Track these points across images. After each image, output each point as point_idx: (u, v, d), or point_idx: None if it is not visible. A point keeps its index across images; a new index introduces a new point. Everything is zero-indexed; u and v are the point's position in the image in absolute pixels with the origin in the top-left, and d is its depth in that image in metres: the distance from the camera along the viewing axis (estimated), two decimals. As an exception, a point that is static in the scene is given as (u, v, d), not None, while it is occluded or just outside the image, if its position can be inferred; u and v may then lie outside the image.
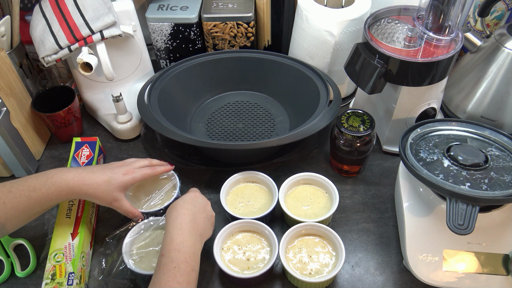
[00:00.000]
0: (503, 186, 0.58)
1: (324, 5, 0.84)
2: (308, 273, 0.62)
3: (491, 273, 0.61)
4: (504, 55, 0.77)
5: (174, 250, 0.56)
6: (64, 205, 0.70)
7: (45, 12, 0.78)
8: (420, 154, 0.65)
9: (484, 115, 0.81)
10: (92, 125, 0.93)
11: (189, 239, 0.58)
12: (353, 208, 0.76)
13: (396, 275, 0.67)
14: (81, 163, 0.76)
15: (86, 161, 0.77)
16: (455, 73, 0.87)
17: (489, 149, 0.65)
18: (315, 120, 0.74)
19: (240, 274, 0.62)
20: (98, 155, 0.80)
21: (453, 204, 0.56)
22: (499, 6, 0.87)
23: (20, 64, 0.85)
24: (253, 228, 0.67)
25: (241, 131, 0.86)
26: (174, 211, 0.61)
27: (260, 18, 0.93)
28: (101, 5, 0.79)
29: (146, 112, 0.78)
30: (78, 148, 0.79)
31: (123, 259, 0.63)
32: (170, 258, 0.55)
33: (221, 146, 0.73)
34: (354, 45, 0.75)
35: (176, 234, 0.58)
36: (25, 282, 0.67)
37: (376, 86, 0.73)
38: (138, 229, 0.67)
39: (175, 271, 0.54)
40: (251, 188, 0.75)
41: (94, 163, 0.77)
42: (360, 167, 0.80)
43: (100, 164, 0.68)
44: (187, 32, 0.92)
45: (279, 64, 0.90)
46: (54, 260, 0.64)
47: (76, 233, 0.67)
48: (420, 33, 0.72)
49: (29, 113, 0.83)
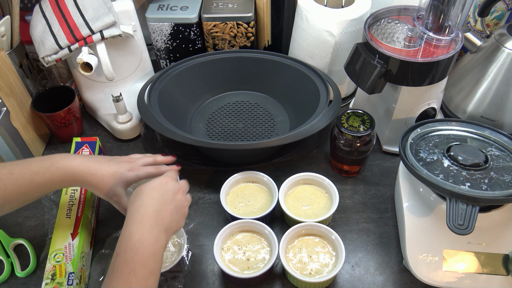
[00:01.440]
0: (503, 186, 0.58)
1: (324, 5, 0.84)
2: (308, 273, 0.62)
3: (491, 273, 0.61)
4: (504, 55, 0.77)
5: (131, 249, 0.50)
6: (64, 205, 0.70)
7: (45, 12, 0.78)
8: (420, 154, 0.65)
9: (484, 115, 0.81)
10: (92, 125, 0.93)
11: (150, 236, 0.52)
12: (353, 208, 0.76)
13: (396, 275, 0.67)
14: (81, 163, 0.76)
15: (86, 161, 0.77)
16: (455, 73, 0.87)
17: (489, 149, 0.65)
18: (315, 120, 0.74)
19: (240, 274, 0.62)
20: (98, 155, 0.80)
21: (453, 204, 0.56)
22: (499, 6, 0.87)
23: (20, 64, 0.85)
24: (253, 228, 0.67)
25: (241, 131, 0.86)
26: (138, 200, 0.56)
27: (260, 18, 0.93)
28: (101, 5, 0.79)
29: (146, 112, 0.78)
30: (78, 148, 0.79)
31: None
32: (125, 260, 0.49)
33: (221, 146, 0.73)
34: (354, 45, 0.75)
35: (136, 230, 0.52)
36: (25, 282, 0.67)
37: (376, 86, 0.73)
38: None
39: (130, 276, 0.48)
40: (251, 188, 0.75)
41: (94, 163, 0.76)
42: (360, 167, 0.80)
43: (105, 156, 0.67)
44: (187, 32, 0.92)
45: (279, 64, 0.90)
46: (54, 260, 0.64)
47: (76, 233, 0.67)
48: (420, 33, 0.72)
49: (29, 113, 0.83)
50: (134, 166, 0.65)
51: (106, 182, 0.61)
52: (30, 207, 0.76)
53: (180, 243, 0.66)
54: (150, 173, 0.66)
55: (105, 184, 0.61)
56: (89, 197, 0.72)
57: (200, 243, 0.71)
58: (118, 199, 0.63)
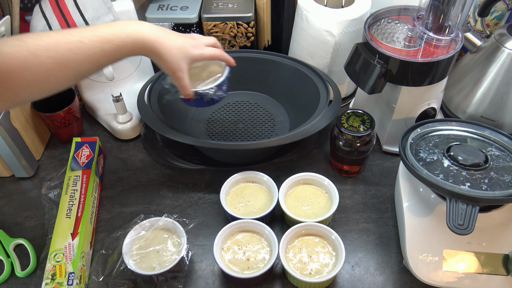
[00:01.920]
0: (503, 186, 0.58)
1: (324, 5, 0.84)
2: (308, 273, 0.62)
3: (491, 273, 0.61)
4: (504, 55, 0.77)
5: None
6: (64, 205, 0.70)
7: (45, 12, 0.78)
8: (420, 154, 0.65)
9: (484, 115, 0.81)
10: (92, 125, 0.93)
11: None
12: (353, 208, 0.76)
13: (396, 275, 0.67)
14: (81, 163, 0.76)
15: (86, 161, 0.77)
16: (455, 73, 0.87)
17: (489, 149, 0.65)
18: (315, 120, 0.74)
19: (240, 274, 0.62)
20: (98, 155, 0.80)
21: (453, 204, 0.56)
22: (499, 6, 0.87)
23: (20, 64, 0.85)
24: (253, 228, 0.67)
25: (241, 131, 0.86)
26: None
27: (260, 18, 0.93)
28: (101, 5, 0.79)
29: (146, 112, 0.78)
30: (78, 148, 0.79)
31: (123, 259, 0.63)
32: None
33: (221, 146, 0.73)
34: (354, 45, 0.75)
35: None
36: (25, 282, 0.67)
37: (376, 86, 0.73)
38: (138, 229, 0.67)
39: None
40: (251, 188, 0.75)
41: (94, 164, 0.77)
42: (360, 167, 0.80)
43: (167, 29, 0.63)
44: (187, 32, 0.91)
45: (279, 64, 0.90)
46: (54, 260, 0.64)
47: (76, 233, 0.67)
48: (420, 33, 0.72)
49: (29, 113, 0.83)
50: (198, 43, 0.63)
51: (173, 54, 0.59)
52: (30, 207, 0.76)
53: (180, 243, 0.66)
54: (214, 54, 0.64)
55: (172, 56, 0.59)
56: (89, 197, 0.72)
57: (200, 243, 0.71)
58: (182, 74, 0.61)
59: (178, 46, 0.60)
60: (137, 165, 0.84)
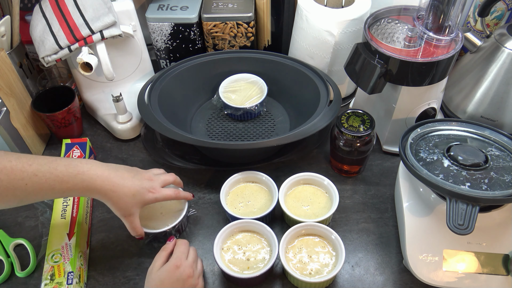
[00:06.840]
0: (503, 186, 0.58)
1: (324, 5, 0.84)
2: (308, 273, 0.62)
3: (491, 273, 0.61)
4: (504, 55, 0.77)
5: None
6: (58, 206, 0.70)
7: (45, 12, 0.78)
8: (420, 154, 0.65)
9: (484, 115, 0.81)
10: (92, 125, 0.93)
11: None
12: (353, 208, 0.76)
13: (396, 275, 0.67)
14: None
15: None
16: (455, 73, 0.87)
17: (489, 149, 0.65)
18: (315, 120, 0.74)
19: (240, 274, 0.62)
20: (89, 156, 0.80)
21: (453, 204, 0.56)
22: (499, 6, 0.87)
23: (20, 64, 0.85)
24: (253, 228, 0.67)
25: (241, 131, 0.86)
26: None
27: (260, 18, 0.93)
28: (101, 5, 0.79)
29: (146, 112, 0.78)
30: (68, 150, 0.79)
31: None
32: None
33: (221, 146, 0.73)
34: (354, 45, 0.75)
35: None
36: (25, 282, 0.67)
37: (376, 86, 0.73)
38: None
39: None
40: (251, 188, 0.75)
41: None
42: (360, 167, 0.80)
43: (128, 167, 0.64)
44: (187, 32, 0.92)
45: (279, 64, 0.90)
46: (52, 260, 0.64)
47: (73, 233, 0.67)
48: (420, 33, 0.72)
49: (29, 113, 0.83)
50: (154, 186, 0.64)
51: (125, 201, 0.60)
52: (30, 207, 0.76)
53: None
54: (168, 196, 0.65)
55: (123, 203, 0.60)
56: (83, 197, 0.72)
57: (200, 243, 0.71)
58: (132, 218, 0.62)
59: (132, 193, 0.60)
60: (137, 165, 0.83)
